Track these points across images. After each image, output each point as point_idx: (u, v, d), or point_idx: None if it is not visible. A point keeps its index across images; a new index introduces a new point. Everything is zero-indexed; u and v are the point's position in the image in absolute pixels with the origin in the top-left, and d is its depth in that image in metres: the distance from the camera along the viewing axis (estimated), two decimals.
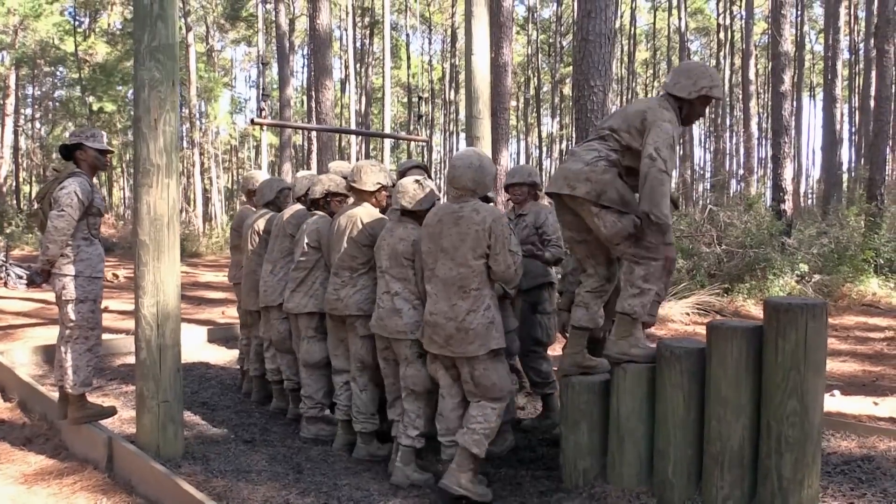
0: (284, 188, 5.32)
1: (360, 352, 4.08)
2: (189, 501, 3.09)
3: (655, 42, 43.23)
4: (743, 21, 30.37)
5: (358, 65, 35.96)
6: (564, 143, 42.24)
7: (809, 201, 34.15)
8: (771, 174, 13.27)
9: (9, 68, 25.41)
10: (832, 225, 12.81)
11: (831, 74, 19.96)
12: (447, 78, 43.19)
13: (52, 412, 4.45)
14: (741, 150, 29.24)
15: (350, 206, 4.21)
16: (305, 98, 35.89)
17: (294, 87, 30.88)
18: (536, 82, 40.92)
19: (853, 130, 30.47)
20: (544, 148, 44.57)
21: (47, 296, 10.53)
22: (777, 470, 2.90)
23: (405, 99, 44.59)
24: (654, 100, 3.41)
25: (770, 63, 18.08)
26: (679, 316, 8.83)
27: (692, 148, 35.36)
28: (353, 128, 25.42)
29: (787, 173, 12.71)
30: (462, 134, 48.88)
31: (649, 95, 46.23)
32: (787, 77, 13.11)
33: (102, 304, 4.28)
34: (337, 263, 4.13)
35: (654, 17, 41.74)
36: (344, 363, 4.30)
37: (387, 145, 20.73)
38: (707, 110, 3.69)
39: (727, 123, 36.15)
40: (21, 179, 31.55)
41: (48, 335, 7.59)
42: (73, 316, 4.05)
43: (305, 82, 36.67)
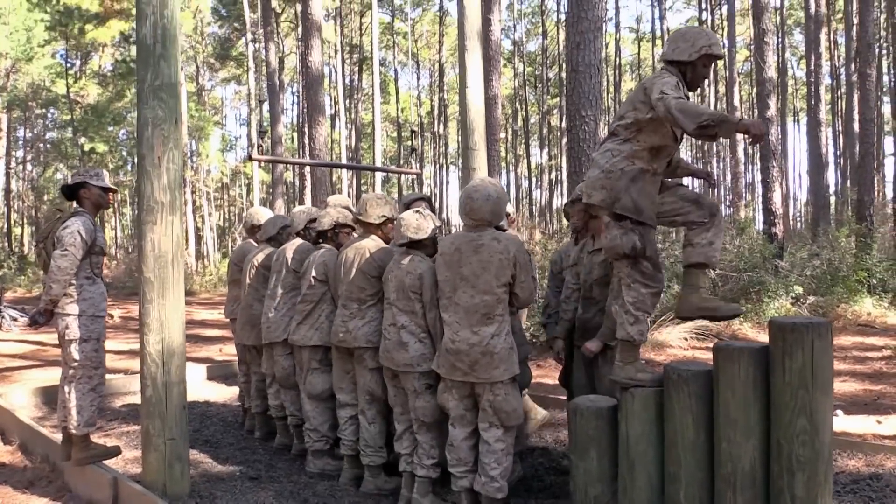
0: (286, 225, 5.35)
1: (370, 384, 4.07)
2: None
3: (640, 72, 43.86)
4: (726, 49, 30.89)
5: (347, 101, 36.28)
6: (553, 174, 42.56)
7: (798, 224, 34.43)
8: (761, 198, 13.41)
9: (1, 111, 25.51)
10: (823, 247, 12.92)
11: (815, 99, 20.27)
12: (435, 112, 43.63)
13: (55, 454, 4.41)
14: (728, 176, 29.53)
15: (357, 239, 4.24)
16: (296, 135, 36.14)
17: (284, 124, 31.10)
18: (524, 114, 41.37)
19: (838, 153, 30.87)
20: (534, 179, 44.88)
21: (42, 337, 10.46)
22: (790, 490, 2.90)
23: (394, 133, 44.93)
24: (652, 75, 3.30)
25: (754, 89, 18.37)
26: (677, 341, 8.84)
27: None
28: (344, 162, 25.53)
29: (777, 197, 12.85)
30: (452, 167, 49.27)
31: None
32: (772, 102, 13.32)
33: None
34: (345, 295, 4.14)
35: (639, 48, 42.44)
36: (349, 397, 4.28)
37: (378, 179, 20.80)
38: (711, 72, 3.45)
39: (714, 150, 36.56)
40: (13, 221, 31.47)
41: (45, 377, 7.53)
42: (77, 355, 4.04)
43: (295, 119, 36.95)
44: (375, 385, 4.06)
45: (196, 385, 7.18)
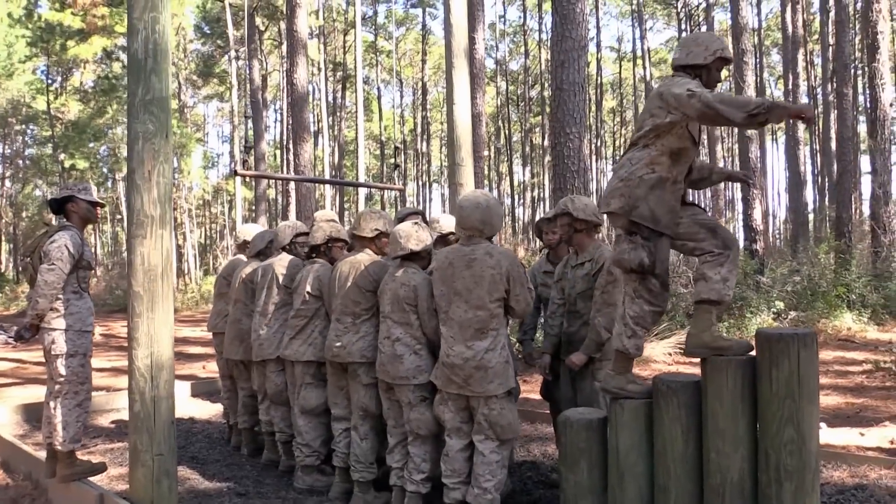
0: (273, 239, 5.35)
1: (363, 400, 4.06)
2: None
3: (622, 90, 44.40)
4: None
5: (331, 118, 36.35)
6: (536, 191, 42.82)
7: (778, 241, 34.84)
8: (741, 215, 13.60)
9: None
10: (803, 263, 13.09)
11: (792, 119, 20.58)
12: (419, 129, 43.82)
13: (38, 471, 4.35)
14: (708, 193, 29.86)
15: (351, 253, 4.26)
16: (278, 152, 36.10)
17: (267, 142, 31.10)
18: (507, 132, 41.66)
19: (816, 171, 31.33)
20: (517, 196, 45.11)
21: (22, 355, 10.33)
22: (778, 499, 2.93)
23: (378, 151, 45.04)
24: (664, 82, 3.22)
25: None
26: (662, 356, 8.90)
27: None
28: (328, 178, 25.52)
29: (757, 214, 13.04)
30: (435, 184, 49.42)
31: (617, 143, 47.33)
32: None
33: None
34: (339, 309, 4.14)
35: (620, 68, 42.97)
36: (343, 411, 4.27)
37: (361, 196, 20.82)
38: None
39: None
40: None
41: (26, 395, 7.44)
42: (63, 370, 4.00)
43: (278, 137, 36.92)
44: (369, 401, 4.05)
45: (180, 402, 7.06)
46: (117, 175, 30.18)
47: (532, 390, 7.15)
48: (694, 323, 3.21)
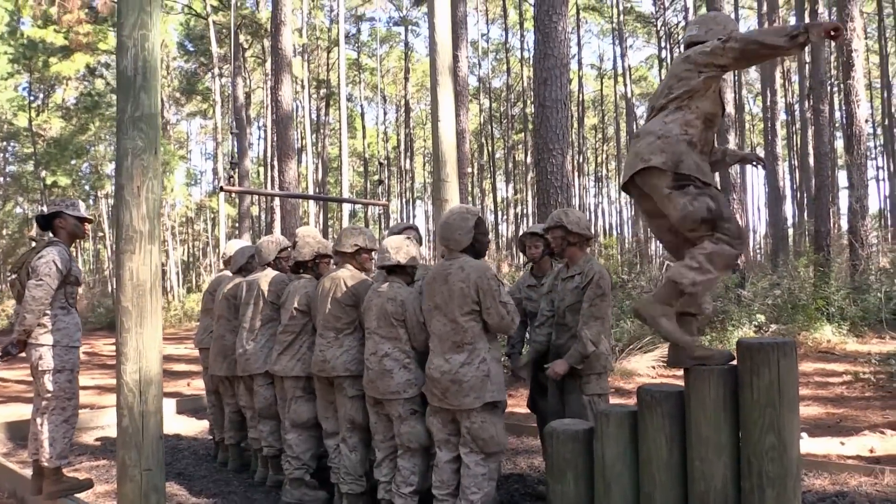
0: (254, 254, 5.36)
1: (350, 412, 4.09)
2: None
3: (603, 108, 44.85)
4: None
5: (314, 135, 36.41)
6: (519, 208, 43.04)
7: (758, 255, 35.21)
8: None
9: None
10: (783, 276, 13.27)
11: (771, 134, 20.94)
12: (402, 146, 43.98)
13: (23, 489, 4.32)
14: None
15: (334, 269, 4.31)
16: (261, 169, 36.06)
17: (251, 159, 31.07)
18: (490, 149, 41.90)
19: (795, 187, 31.79)
20: (500, 213, 45.32)
21: (4, 374, 10.22)
22: None
23: (361, 168, 45.13)
24: (687, 51, 3.12)
25: None
26: (645, 369, 8.98)
27: None
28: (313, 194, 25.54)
29: None
30: (418, 201, 49.55)
31: (599, 160, 47.76)
32: (731, 138, 13.76)
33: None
34: (322, 324, 4.19)
35: (601, 85, 43.43)
36: (335, 426, 4.29)
37: (345, 212, 20.81)
38: None
39: None
40: None
41: (8, 413, 7.38)
42: (50, 386, 4.00)
43: (262, 154, 36.90)
44: (356, 413, 4.08)
45: (166, 419, 7.02)
46: (99, 192, 30.01)
47: (518, 404, 7.19)
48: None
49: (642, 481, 3.34)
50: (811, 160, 20.04)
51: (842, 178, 28.53)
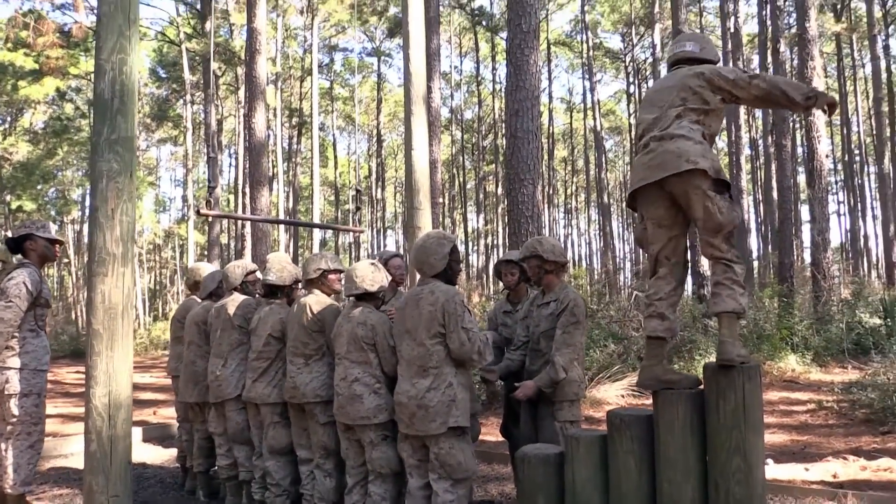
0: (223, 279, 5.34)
1: (323, 438, 4.08)
2: None
3: (573, 140, 45.52)
4: None
5: (286, 163, 36.38)
6: (490, 238, 43.28)
7: None
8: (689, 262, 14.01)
9: None
10: (749, 307, 13.50)
11: (736, 168, 21.42)
12: (374, 176, 44.11)
13: None
14: None
15: (303, 295, 4.33)
16: (232, 196, 35.88)
17: (222, 186, 30.92)
18: (461, 180, 42.22)
19: (759, 220, 32.45)
20: (471, 243, 45.53)
21: None
22: None
23: (332, 197, 45.11)
24: (695, 69, 3.14)
25: None
26: (614, 398, 9.04)
27: (612, 239, 36.83)
28: (289, 220, 25.48)
29: (705, 260, 13.45)
30: (389, 230, 49.59)
31: (569, 191, 48.34)
32: None
33: None
34: (290, 351, 4.19)
35: (571, 118, 44.14)
36: (309, 453, 4.26)
37: (316, 240, 20.87)
38: None
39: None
40: None
41: None
42: (16, 411, 3.95)
43: (232, 181, 36.74)
44: (328, 439, 4.07)
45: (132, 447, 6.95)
46: (66, 217, 29.58)
47: (489, 431, 7.20)
48: (646, 358, 3.32)
49: None
50: (775, 194, 20.54)
51: (804, 212, 29.26)
